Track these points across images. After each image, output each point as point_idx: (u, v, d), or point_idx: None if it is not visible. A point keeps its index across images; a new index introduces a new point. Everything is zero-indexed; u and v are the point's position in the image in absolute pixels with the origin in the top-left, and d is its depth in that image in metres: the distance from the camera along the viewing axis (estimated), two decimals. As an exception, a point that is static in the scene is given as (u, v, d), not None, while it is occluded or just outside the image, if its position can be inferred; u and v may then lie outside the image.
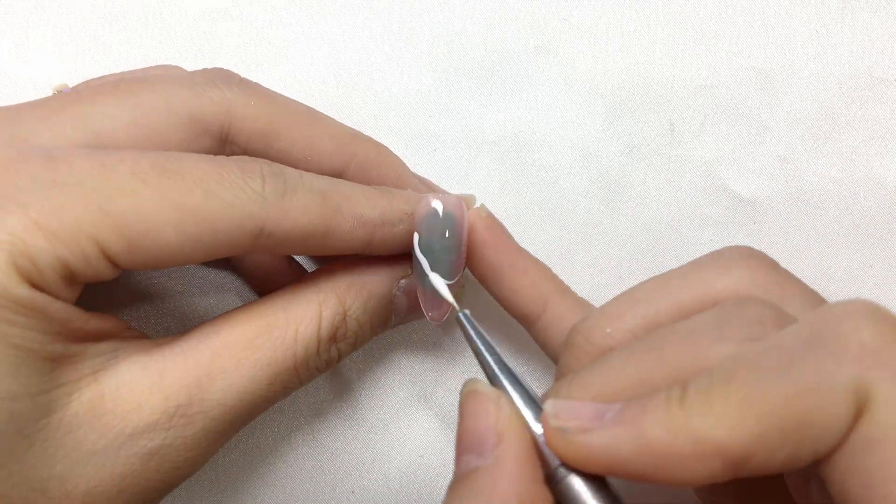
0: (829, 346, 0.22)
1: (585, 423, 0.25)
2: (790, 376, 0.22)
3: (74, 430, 0.26)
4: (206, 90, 0.31)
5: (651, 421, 0.23)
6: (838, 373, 0.21)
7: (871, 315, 0.22)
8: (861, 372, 0.21)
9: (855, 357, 0.21)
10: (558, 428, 0.25)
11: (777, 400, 0.22)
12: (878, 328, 0.22)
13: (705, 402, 0.23)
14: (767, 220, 0.41)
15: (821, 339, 0.22)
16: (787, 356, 0.22)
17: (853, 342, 0.22)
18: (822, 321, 0.23)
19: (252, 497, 0.40)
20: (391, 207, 0.32)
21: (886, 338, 0.22)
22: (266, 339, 0.29)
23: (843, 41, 0.42)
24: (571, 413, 0.25)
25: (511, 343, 0.41)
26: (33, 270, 0.24)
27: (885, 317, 0.22)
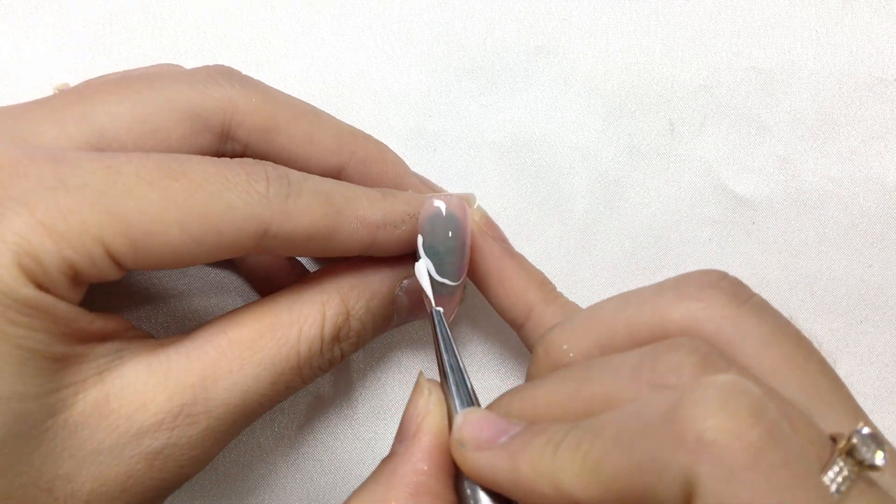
0: (673, 429, 0.21)
1: (482, 442, 0.27)
2: (636, 450, 0.22)
3: (80, 430, 0.26)
4: (208, 87, 0.31)
5: (526, 458, 0.25)
6: (672, 459, 0.21)
7: (724, 403, 0.21)
8: (691, 464, 0.21)
9: (690, 447, 0.21)
10: (457, 440, 0.27)
11: (621, 470, 0.22)
12: (724, 420, 0.21)
13: (571, 455, 0.24)
14: (767, 219, 0.42)
15: (672, 419, 0.22)
16: (643, 428, 0.22)
17: (693, 432, 0.21)
18: (682, 399, 0.22)
19: (252, 497, 0.40)
20: (393, 209, 0.32)
21: (728, 432, 0.21)
22: (270, 339, 0.29)
23: (843, 41, 0.42)
24: (475, 428, 0.27)
25: (509, 341, 0.41)
26: (39, 271, 0.24)
27: (739, 406, 0.21)
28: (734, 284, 0.29)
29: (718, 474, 0.20)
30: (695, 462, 0.21)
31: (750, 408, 0.21)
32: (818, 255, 0.42)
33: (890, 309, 0.41)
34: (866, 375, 0.41)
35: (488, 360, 0.41)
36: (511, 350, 0.41)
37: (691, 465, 0.21)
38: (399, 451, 0.29)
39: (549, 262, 0.41)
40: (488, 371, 0.41)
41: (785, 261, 0.42)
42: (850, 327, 0.42)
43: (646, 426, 0.22)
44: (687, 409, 0.21)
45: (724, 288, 0.28)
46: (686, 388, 0.22)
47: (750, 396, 0.21)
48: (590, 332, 0.29)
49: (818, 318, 0.41)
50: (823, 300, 0.42)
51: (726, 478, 0.20)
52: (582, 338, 0.30)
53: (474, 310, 0.41)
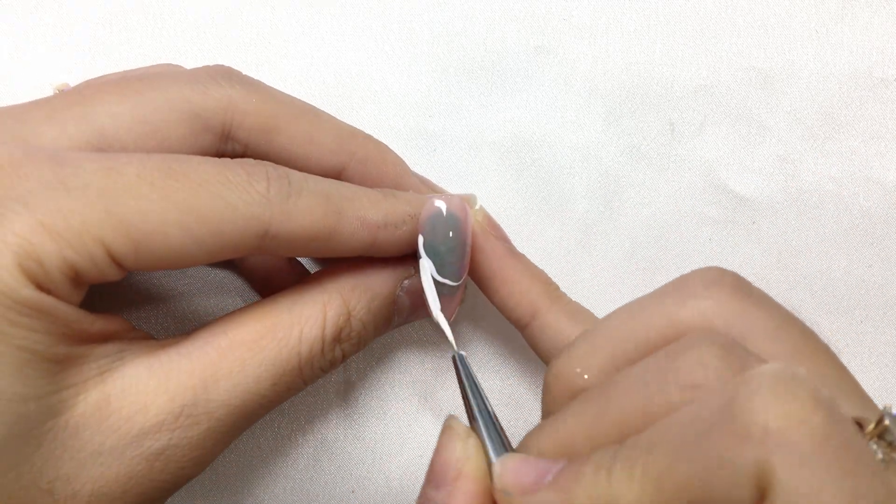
0: (735, 425, 0.21)
1: (527, 486, 0.26)
2: (698, 454, 0.22)
3: (81, 431, 0.26)
4: (208, 87, 0.31)
5: (580, 490, 0.24)
6: (740, 455, 0.21)
7: (780, 391, 0.21)
8: (762, 456, 0.20)
9: (758, 439, 0.20)
10: (501, 489, 0.26)
11: (685, 478, 0.22)
12: (786, 408, 0.21)
13: (627, 476, 0.23)
14: (767, 219, 0.42)
15: (730, 416, 0.21)
16: (699, 432, 0.22)
17: (757, 423, 0.21)
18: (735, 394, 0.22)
19: (252, 497, 0.40)
20: (394, 209, 0.32)
21: (792, 419, 0.20)
22: (271, 340, 0.29)
23: (843, 41, 0.42)
24: (516, 474, 0.26)
25: (509, 342, 0.41)
26: (40, 272, 0.24)
27: (795, 392, 0.21)
28: (736, 279, 0.28)
29: (792, 462, 0.20)
30: (766, 453, 0.20)
31: (808, 392, 0.21)
32: (818, 255, 0.42)
33: (890, 309, 0.41)
34: (866, 375, 0.41)
35: (489, 361, 0.41)
36: (512, 351, 0.41)
37: (762, 456, 0.20)
38: (439, 498, 0.27)
39: (549, 262, 0.41)
40: (490, 372, 0.41)
41: (785, 261, 0.42)
42: (850, 327, 0.42)
43: (703, 429, 0.22)
44: (745, 403, 0.21)
45: (728, 283, 0.28)
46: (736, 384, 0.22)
47: (804, 381, 0.21)
48: (600, 349, 0.29)
49: (818, 318, 0.42)
50: (823, 300, 0.42)
51: (799, 464, 0.20)
52: (593, 358, 0.29)
53: (475, 310, 0.41)
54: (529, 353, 0.40)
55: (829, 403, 0.21)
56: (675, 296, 0.28)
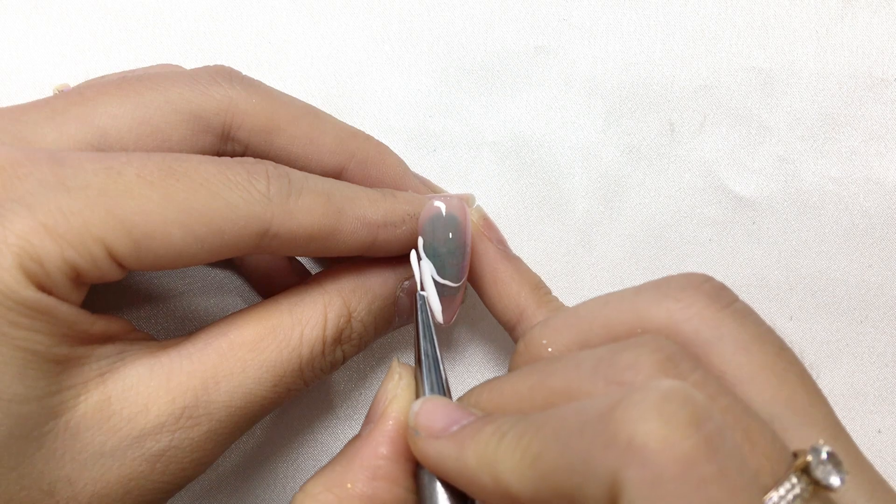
0: (606, 430, 0.21)
1: (434, 430, 0.26)
2: (570, 448, 0.22)
3: (82, 432, 0.26)
4: (208, 87, 0.31)
5: (471, 447, 0.25)
6: (601, 460, 0.21)
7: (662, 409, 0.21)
8: (618, 466, 0.20)
9: (619, 449, 0.20)
10: (412, 427, 0.27)
11: (555, 467, 0.22)
12: (658, 426, 0.20)
13: (513, 446, 0.23)
14: (767, 220, 0.42)
15: (606, 419, 0.21)
16: (580, 426, 0.22)
17: (624, 434, 0.20)
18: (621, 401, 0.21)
19: (252, 497, 0.40)
20: (394, 209, 0.32)
21: (659, 439, 0.20)
22: (271, 342, 0.29)
23: (843, 41, 0.42)
24: (430, 416, 0.27)
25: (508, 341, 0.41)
26: (41, 272, 0.24)
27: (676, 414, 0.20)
28: (717, 288, 0.28)
29: (644, 481, 0.20)
30: (622, 465, 0.20)
31: (689, 416, 0.20)
32: (818, 255, 0.42)
33: (890, 309, 0.41)
34: (866, 375, 0.41)
35: (487, 361, 0.41)
36: (509, 352, 0.41)
37: (618, 468, 0.20)
38: (363, 434, 0.29)
39: (549, 262, 0.41)
40: (487, 372, 0.41)
41: (785, 261, 0.42)
42: (850, 327, 0.42)
43: (583, 424, 0.22)
44: (623, 411, 0.21)
45: (706, 290, 0.28)
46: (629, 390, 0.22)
47: (692, 404, 0.21)
48: (569, 328, 0.30)
49: (818, 318, 0.42)
50: (823, 300, 0.42)
51: (651, 486, 0.20)
52: (561, 334, 0.30)
53: (474, 311, 0.41)
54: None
55: (711, 433, 0.20)
56: (651, 294, 0.28)
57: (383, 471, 0.28)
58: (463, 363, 0.41)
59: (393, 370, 0.30)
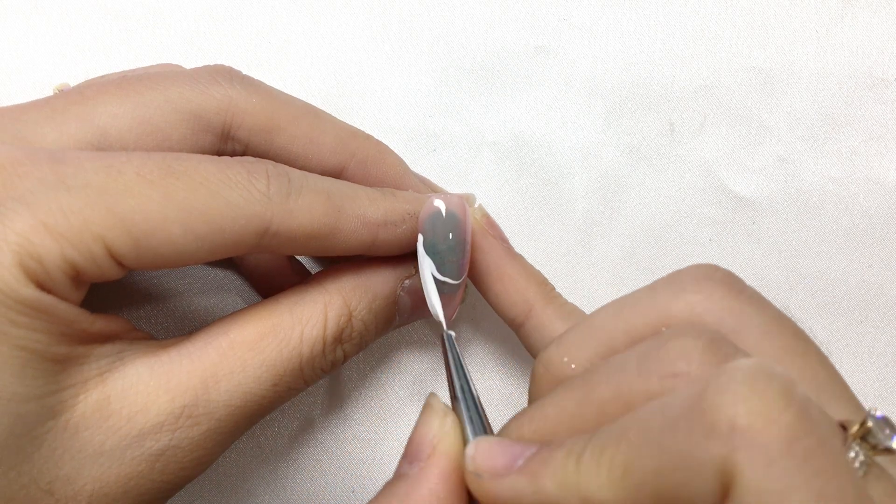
0: (703, 420, 0.21)
1: (498, 469, 0.26)
2: (665, 447, 0.21)
3: (81, 431, 0.26)
4: (208, 87, 0.31)
5: (548, 476, 0.24)
6: (706, 450, 0.20)
7: (753, 388, 0.21)
8: (727, 452, 0.20)
9: (723, 435, 0.20)
10: (472, 471, 0.26)
11: (651, 470, 0.21)
12: (755, 404, 0.20)
13: (596, 463, 0.23)
14: (767, 220, 0.42)
15: (699, 409, 0.21)
16: (669, 424, 0.22)
17: (724, 419, 0.20)
18: (707, 389, 0.21)
19: (252, 497, 0.40)
20: (394, 208, 0.32)
21: (760, 417, 0.20)
22: (272, 341, 0.29)
23: (843, 41, 0.42)
24: (489, 456, 0.26)
25: (507, 341, 0.41)
26: (40, 271, 0.24)
27: (768, 390, 0.21)
28: (729, 276, 0.28)
29: (756, 460, 0.20)
30: (731, 450, 0.20)
31: (780, 390, 0.21)
32: (818, 255, 0.42)
33: (890, 309, 0.41)
34: (866, 375, 0.41)
35: (489, 361, 0.41)
36: (512, 351, 0.41)
37: (727, 453, 0.20)
38: (412, 473, 0.27)
39: (549, 262, 0.41)
40: (489, 372, 0.41)
41: (785, 261, 0.42)
42: (850, 327, 0.42)
43: (672, 421, 0.22)
44: (715, 397, 0.21)
45: (721, 279, 0.28)
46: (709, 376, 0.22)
47: (778, 378, 0.21)
48: (588, 340, 0.29)
49: (818, 318, 0.42)
50: (823, 300, 0.42)
51: (765, 464, 0.20)
52: (581, 348, 0.29)
53: (475, 311, 0.41)
54: (528, 355, 0.40)
55: (802, 403, 0.21)
56: (667, 290, 0.28)
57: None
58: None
59: (433, 407, 0.29)
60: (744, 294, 0.28)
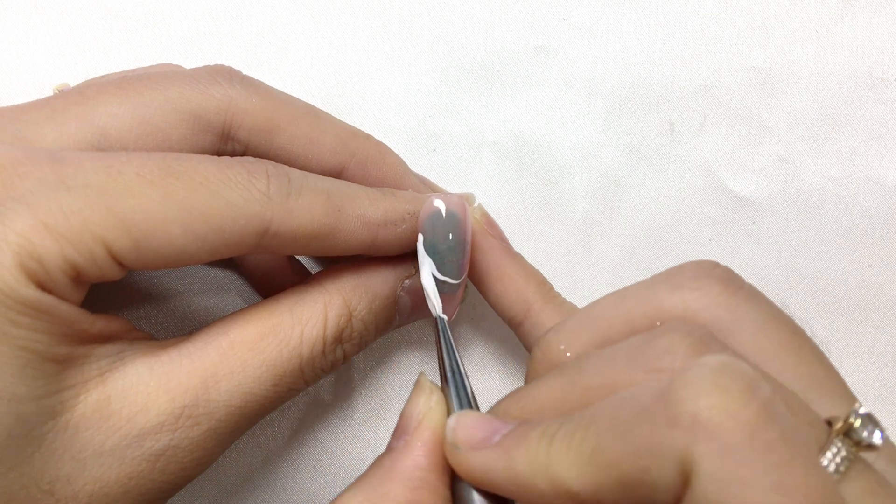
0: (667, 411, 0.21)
1: (474, 442, 0.27)
2: (631, 435, 0.22)
3: (81, 431, 0.26)
4: (208, 87, 0.31)
5: (521, 454, 0.25)
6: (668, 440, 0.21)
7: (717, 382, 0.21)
8: (687, 443, 0.21)
9: (685, 427, 0.21)
10: (451, 442, 0.27)
11: (617, 456, 0.22)
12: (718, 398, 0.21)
13: (566, 446, 0.24)
14: (767, 220, 0.42)
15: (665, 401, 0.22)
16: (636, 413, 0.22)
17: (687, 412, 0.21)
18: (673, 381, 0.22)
19: (252, 497, 0.40)
20: (394, 208, 0.32)
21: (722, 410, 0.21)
22: (272, 341, 0.29)
23: (843, 41, 0.42)
24: (468, 429, 0.27)
25: (507, 341, 0.41)
26: (41, 271, 0.24)
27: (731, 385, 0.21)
28: (727, 272, 0.29)
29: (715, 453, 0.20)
30: (691, 442, 0.21)
31: (743, 386, 0.21)
32: (818, 255, 0.42)
33: (890, 309, 0.41)
34: (866, 375, 0.41)
35: (489, 361, 0.41)
36: (512, 351, 0.41)
37: (687, 445, 0.21)
38: (398, 447, 0.28)
39: (549, 262, 0.41)
40: (489, 372, 0.41)
41: (785, 261, 0.42)
42: (850, 327, 0.42)
43: (640, 410, 0.22)
44: (680, 390, 0.21)
45: (718, 276, 0.28)
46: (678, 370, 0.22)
47: (743, 374, 0.21)
48: (585, 329, 0.29)
49: (818, 318, 0.42)
50: (823, 300, 0.42)
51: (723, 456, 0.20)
52: (578, 336, 0.30)
53: (475, 311, 0.41)
54: (528, 355, 0.40)
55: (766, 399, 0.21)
56: (664, 285, 0.29)
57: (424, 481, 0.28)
58: (464, 362, 0.41)
59: (422, 385, 0.30)
60: (741, 291, 0.28)
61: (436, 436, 0.28)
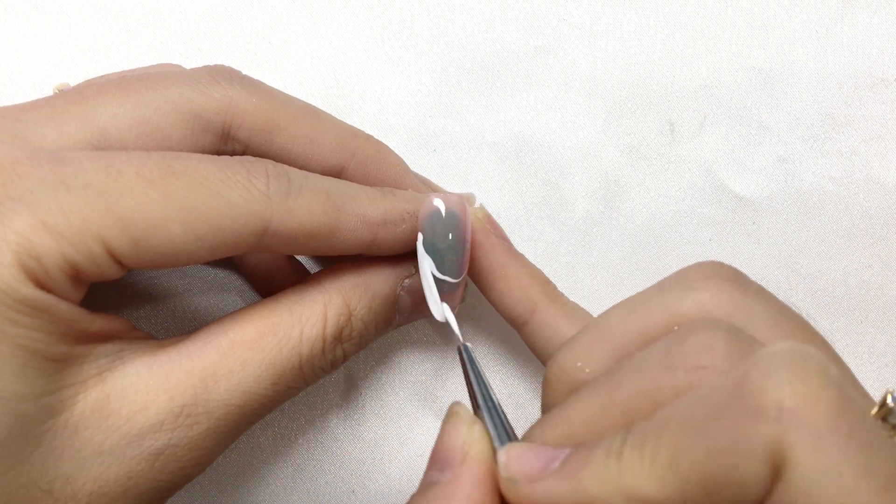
0: (748, 404, 0.21)
1: (533, 473, 0.25)
2: (712, 434, 0.22)
3: (80, 430, 0.26)
4: (208, 87, 0.32)
5: (589, 475, 0.24)
6: (754, 434, 0.21)
7: (794, 370, 0.21)
8: (777, 434, 0.21)
9: (772, 418, 0.21)
10: (507, 478, 0.26)
11: (700, 458, 0.22)
12: (799, 385, 0.21)
13: (638, 458, 0.23)
14: (767, 220, 0.42)
15: (743, 394, 0.21)
16: (713, 412, 0.22)
17: (772, 402, 0.21)
18: (747, 374, 0.22)
19: (252, 497, 0.40)
20: (393, 207, 0.32)
21: (806, 397, 0.21)
22: (271, 340, 0.29)
23: (843, 41, 0.42)
24: (522, 461, 0.26)
25: (507, 341, 0.41)
26: (40, 270, 0.24)
27: (808, 371, 0.21)
28: (734, 272, 0.29)
29: (808, 440, 0.20)
30: (781, 431, 0.21)
31: (820, 369, 0.21)
32: (818, 255, 0.42)
33: (890, 309, 0.41)
34: (866, 375, 0.41)
35: (489, 361, 0.41)
36: (512, 351, 0.41)
37: (777, 435, 0.21)
38: (445, 480, 0.27)
39: (549, 262, 0.41)
40: (490, 372, 0.41)
41: (785, 261, 0.42)
42: (850, 327, 0.42)
43: (716, 408, 0.22)
44: (759, 381, 0.21)
45: (727, 276, 0.28)
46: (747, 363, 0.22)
47: (816, 359, 0.21)
48: (601, 343, 0.29)
49: (818, 318, 0.42)
50: (823, 300, 0.42)
51: (814, 442, 0.20)
52: (594, 351, 0.29)
53: (475, 311, 0.41)
54: (529, 354, 0.40)
55: (839, 381, 0.21)
56: (675, 289, 0.28)
57: None
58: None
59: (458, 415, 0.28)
60: (750, 289, 0.28)
61: (486, 468, 0.27)
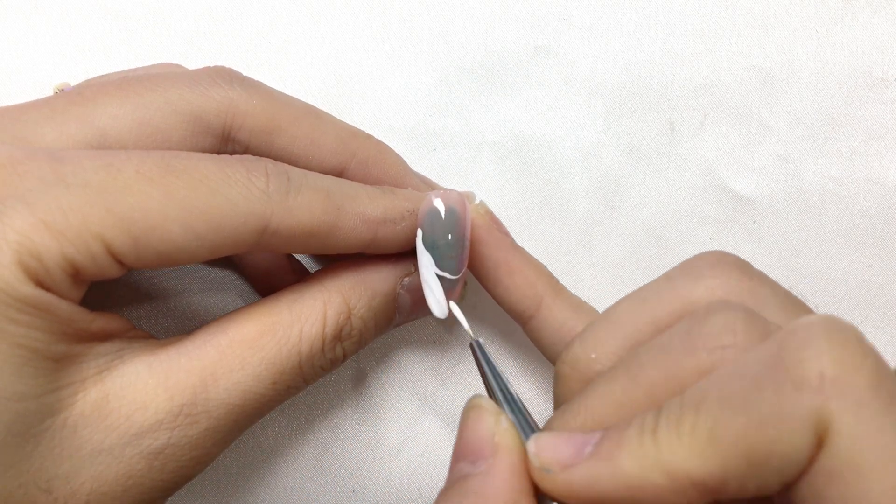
0: (789, 375, 0.21)
1: (566, 460, 0.25)
2: (753, 406, 0.22)
3: (80, 429, 0.26)
4: (209, 88, 0.31)
5: (626, 455, 0.24)
6: (797, 404, 0.21)
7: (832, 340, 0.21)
8: (820, 403, 0.21)
9: (814, 387, 0.21)
10: (540, 467, 0.26)
11: (741, 430, 0.22)
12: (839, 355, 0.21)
13: (675, 433, 0.23)
14: (767, 219, 0.42)
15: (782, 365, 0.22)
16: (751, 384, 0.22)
17: (813, 371, 0.21)
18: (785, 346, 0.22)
19: (252, 497, 0.40)
20: (393, 205, 0.32)
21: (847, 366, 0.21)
22: (271, 339, 0.29)
23: (843, 41, 0.42)
24: (553, 449, 0.26)
25: (508, 339, 0.41)
26: (40, 269, 0.24)
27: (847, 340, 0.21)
28: (739, 260, 0.29)
29: (851, 408, 0.21)
30: (824, 400, 0.21)
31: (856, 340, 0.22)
32: (818, 255, 0.42)
33: (890, 309, 0.41)
34: (866, 375, 0.41)
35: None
36: (513, 350, 0.41)
37: (821, 404, 0.21)
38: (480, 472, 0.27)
39: (549, 262, 0.40)
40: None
41: (785, 261, 0.42)
42: (850, 327, 0.42)
43: (754, 381, 0.22)
44: (798, 352, 0.21)
45: (733, 263, 0.28)
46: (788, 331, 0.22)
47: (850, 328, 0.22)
48: (613, 334, 0.29)
49: (818, 318, 0.41)
50: (823, 300, 0.42)
51: (857, 409, 0.20)
52: (608, 342, 0.29)
53: (475, 310, 0.41)
54: (532, 352, 0.40)
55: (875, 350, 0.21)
56: (685, 278, 0.28)
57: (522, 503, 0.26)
58: (464, 362, 0.41)
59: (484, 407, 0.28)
60: (755, 276, 0.28)
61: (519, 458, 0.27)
